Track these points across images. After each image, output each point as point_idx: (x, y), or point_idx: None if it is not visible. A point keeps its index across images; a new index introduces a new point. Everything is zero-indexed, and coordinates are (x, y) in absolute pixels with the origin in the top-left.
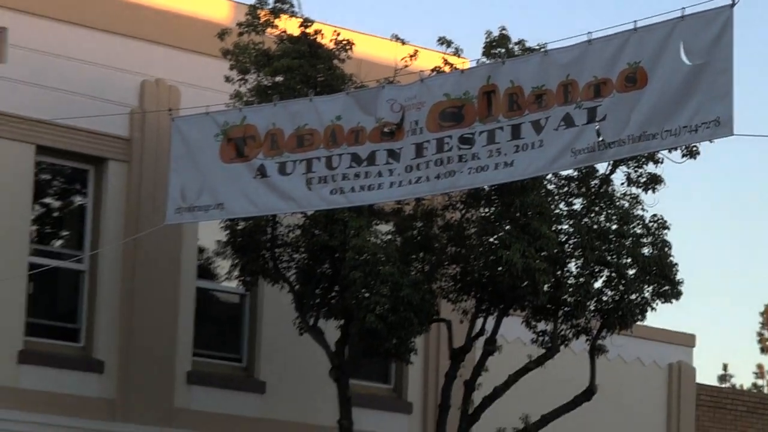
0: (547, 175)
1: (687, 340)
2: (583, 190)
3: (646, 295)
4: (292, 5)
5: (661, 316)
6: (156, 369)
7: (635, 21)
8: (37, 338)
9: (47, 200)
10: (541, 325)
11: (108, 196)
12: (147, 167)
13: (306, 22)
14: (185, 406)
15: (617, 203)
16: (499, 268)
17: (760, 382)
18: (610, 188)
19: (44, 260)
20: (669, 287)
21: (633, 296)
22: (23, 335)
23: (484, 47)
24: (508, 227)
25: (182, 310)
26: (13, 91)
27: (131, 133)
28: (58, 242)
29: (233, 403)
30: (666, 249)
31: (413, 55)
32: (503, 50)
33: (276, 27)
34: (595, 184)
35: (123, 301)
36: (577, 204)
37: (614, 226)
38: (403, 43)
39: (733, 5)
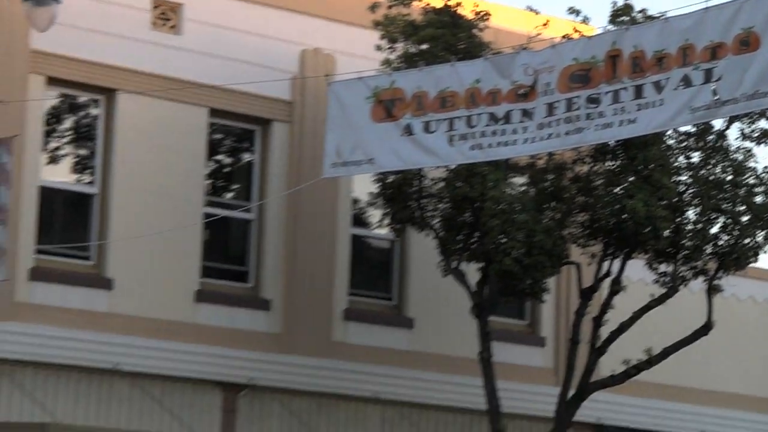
0: (667, 130)
1: None
2: (701, 144)
3: (759, 239)
4: None
5: None
6: (316, 306)
7: None
8: (212, 279)
9: (219, 157)
10: (663, 267)
11: (272, 153)
12: (306, 127)
13: None
14: (342, 339)
15: (732, 156)
16: (624, 216)
17: None
18: (725, 142)
19: (217, 210)
20: None
21: (746, 240)
22: (199, 277)
23: (609, 16)
24: (631, 179)
25: (339, 254)
26: (189, 60)
27: (293, 97)
28: (229, 194)
29: (384, 337)
30: None
31: (545, 24)
32: (627, 18)
33: (421, 0)
34: (712, 138)
35: (287, 246)
36: (695, 157)
37: (729, 177)
38: (536, 13)
39: None
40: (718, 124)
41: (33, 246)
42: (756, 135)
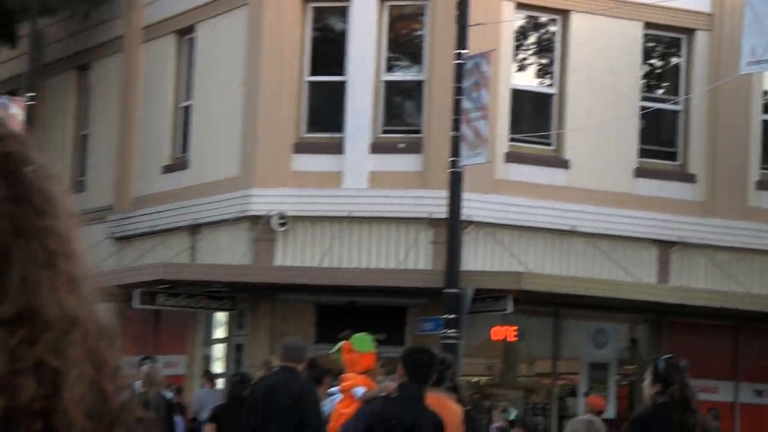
0: None
1: None
2: None
3: None
4: None
5: None
6: (734, 179)
7: None
8: (646, 159)
9: (652, 61)
10: None
11: (696, 56)
12: (724, 34)
13: None
14: (756, 205)
15: None
16: None
17: None
18: None
19: (650, 104)
20: None
21: None
22: (637, 157)
23: None
24: None
25: (752, 136)
26: None
27: (713, 9)
28: (660, 90)
29: None
30: None
31: None
32: None
33: None
34: None
35: (708, 130)
36: None
37: None
38: None
39: None
40: None
41: (507, 135)
42: None
